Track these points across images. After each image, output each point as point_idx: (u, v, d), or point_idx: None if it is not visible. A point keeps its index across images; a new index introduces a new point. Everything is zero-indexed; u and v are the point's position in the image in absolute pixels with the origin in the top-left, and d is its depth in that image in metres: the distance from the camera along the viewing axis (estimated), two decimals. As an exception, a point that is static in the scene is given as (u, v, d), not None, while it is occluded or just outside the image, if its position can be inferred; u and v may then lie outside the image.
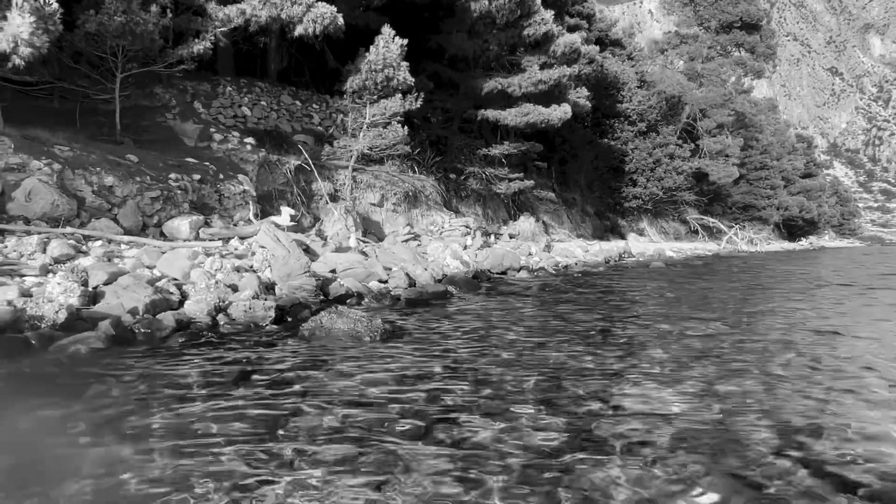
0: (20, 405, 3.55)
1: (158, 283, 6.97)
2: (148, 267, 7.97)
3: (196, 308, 6.24)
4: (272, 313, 6.15)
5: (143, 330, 5.42)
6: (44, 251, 7.69)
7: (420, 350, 5.15)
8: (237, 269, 8.34)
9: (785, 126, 74.83)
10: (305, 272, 8.00)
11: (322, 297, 8.07)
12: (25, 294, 6.12)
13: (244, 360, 4.66)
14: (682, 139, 39.95)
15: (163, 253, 8.41)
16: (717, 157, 41.20)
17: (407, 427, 3.29)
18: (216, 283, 7.16)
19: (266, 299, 6.75)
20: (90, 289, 6.53)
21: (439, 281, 10.69)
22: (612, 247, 25.05)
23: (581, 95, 22.44)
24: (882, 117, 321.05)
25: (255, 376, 4.24)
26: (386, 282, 9.86)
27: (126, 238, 8.97)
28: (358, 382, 4.15)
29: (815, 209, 68.59)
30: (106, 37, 10.79)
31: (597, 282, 12.78)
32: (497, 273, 13.68)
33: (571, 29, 24.57)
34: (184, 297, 6.93)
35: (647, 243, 33.85)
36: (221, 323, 6.04)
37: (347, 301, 8.10)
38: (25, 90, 11.96)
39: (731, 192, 48.43)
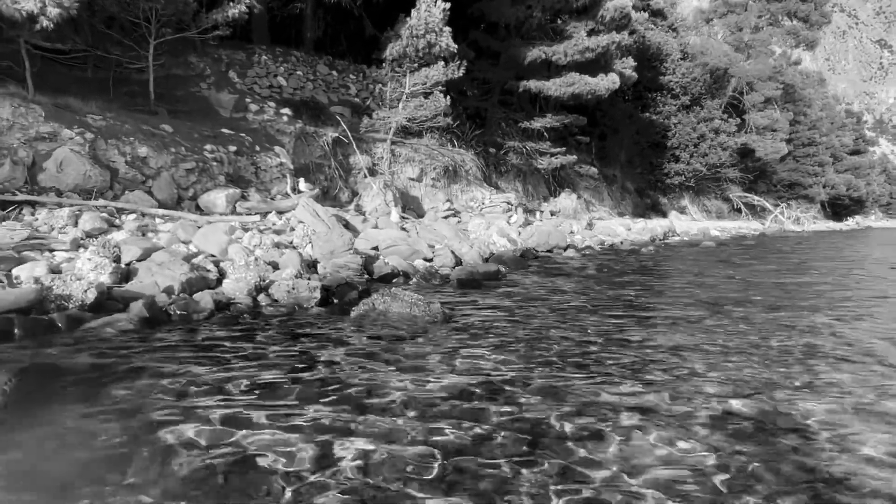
0: (40, 402, 3.05)
1: (195, 260, 6.49)
2: (183, 242, 7.51)
3: (235, 287, 5.73)
4: (318, 294, 5.61)
5: (178, 311, 4.93)
6: (75, 224, 7.28)
7: (488, 338, 4.55)
8: (277, 246, 7.83)
9: (834, 101, 71.56)
10: (349, 249, 7.45)
11: (367, 276, 7.52)
12: (55, 270, 5.69)
13: (294, 349, 4.12)
14: (728, 113, 38.26)
15: (199, 227, 7.93)
16: (763, 132, 39.41)
17: (510, 447, 2.69)
18: (256, 260, 6.64)
19: (310, 279, 6.21)
20: (123, 265, 6.08)
21: (487, 259, 10.06)
22: (656, 225, 24.07)
23: (627, 65, 21.28)
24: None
25: (305, 370, 3.68)
26: (431, 260, 9.28)
27: (161, 211, 8.54)
28: (429, 379, 3.57)
29: (863, 188, 65.70)
30: (139, 0, 10.27)
31: (650, 262, 12.01)
32: (543, 251, 12.98)
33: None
34: (221, 274, 6.43)
35: (689, 222, 32.64)
36: (263, 304, 5.52)
37: (394, 280, 7.55)
38: (59, 58, 11.59)
39: (777, 170, 46.48)
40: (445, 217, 14.63)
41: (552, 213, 20.03)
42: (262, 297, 5.67)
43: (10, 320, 4.11)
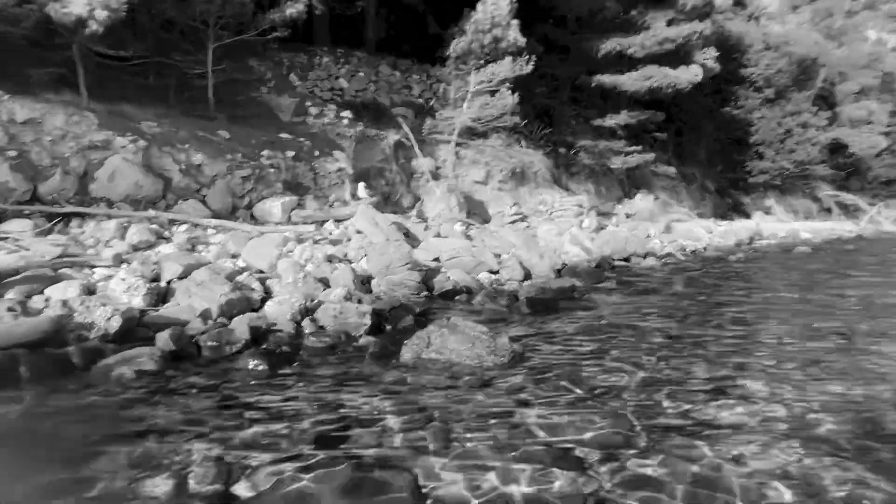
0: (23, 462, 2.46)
1: (239, 278, 5.95)
2: (232, 256, 7.02)
3: (278, 311, 5.12)
4: (367, 320, 4.91)
5: (209, 343, 4.33)
6: (122, 237, 6.92)
7: (566, 391, 3.71)
8: (329, 259, 7.23)
9: (937, 89, 65.69)
10: (406, 263, 6.75)
11: (426, 293, 6.80)
12: (89, 291, 5.25)
13: (324, 409, 3.38)
14: (817, 106, 35.45)
15: (250, 239, 7.44)
16: (858, 125, 36.31)
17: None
18: (304, 276, 6.05)
19: (360, 301, 5.53)
20: (163, 284, 5.60)
21: (559, 271, 9.16)
22: (740, 227, 22.32)
23: (709, 56, 19.71)
24: None
25: (330, 444, 2.96)
26: (497, 272, 8.48)
27: (213, 222, 8.12)
28: (494, 465, 2.76)
29: (972, 184, 60.02)
30: (195, 1, 9.96)
31: (744, 273, 10.75)
32: (619, 260, 11.90)
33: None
34: (267, 293, 5.87)
35: (775, 223, 30.35)
36: (306, 332, 4.87)
37: (455, 297, 6.79)
38: (121, 66, 11.51)
39: (873, 165, 42.82)
40: (512, 222, 13.78)
41: (627, 216, 18.78)
42: (306, 323, 5.02)
43: (16, 358, 3.59)
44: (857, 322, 6.03)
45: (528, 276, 8.64)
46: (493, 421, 3.15)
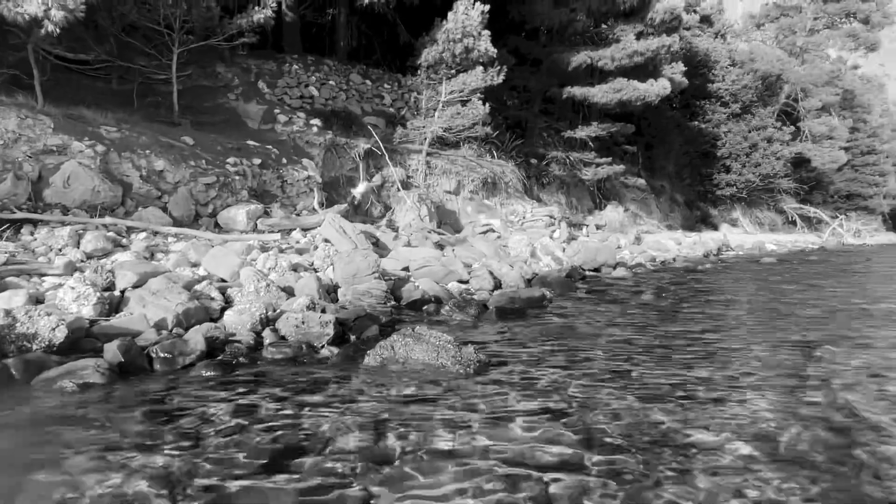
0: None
1: (198, 287, 5.73)
2: (192, 264, 6.80)
3: (237, 321, 4.93)
4: (330, 330, 4.75)
5: (161, 354, 4.12)
6: (77, 245, 6.64)
7: (533, 400, 3.59)
8: (295, 268, 7.05)
9: (894, 107, 68.06)
10: (374, 273, 6.60)
11: (393, 303, 6.65)
12: (37, 300, 5.00)
13: (279, 423, 3.21)
14: (781, 121, 36.36)
15: (212, 247, 7.22)
16: (820, 140, 37.29)
17: None
18: (267, 285, 5.85)
19: (324, 310, 5.36)
20: (116, 293, 5.36)
21: (529, 281, 9.09)
22: (708, 239, 22.60)
23: (677, 71, 20.07)
24: None
25: (286, 461, 2.80)
26: (467, 282, 8.37)
27: (173, 230, 7.86)
28: (453, 478, 2.63)
29: (927, 198, 62.11)
30: (159, 5, 9.74)
31: (711, 283, 10.82)
32: (590, 270, 11.90)
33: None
34: (228, 302, 5.67)
35: (742, 235, 30.92)
36: (266, 342, 4.68)
37: (424, 308, 6.65)
38: (82, 69, 11.19)
39: (834, 179, 44.05)
40: (484, 232, 13.72)
41: (598, 227, 18.89)
42: (266, 333, 4.83)
43: (-52, 370, 3.36)
44: (821, 332, 6.06)
45: (498, 285, 8.56)
46: (455, 434, 3.02)
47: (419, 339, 4.12)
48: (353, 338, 5.01)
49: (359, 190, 12.09)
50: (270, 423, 3.11)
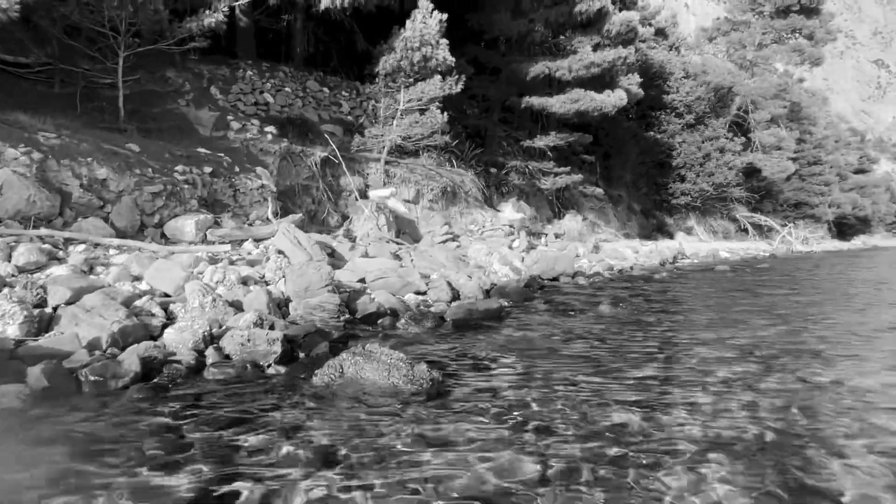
0: None
1: (138, 302, 5.43)
2: (135, 278, 6.46)
3: (178, 339, 4.66)
4: (278, 348, 4.53)
5: (92, 377, 3.84)
6: (8, 259, 6.23)
7: (489, 422, 3.45)
8: (244, 281, 6.78)
9: (837, 119, 71.10)
10: (327, 286, 6.38)
11: (347, 317, 6.45)
12: (-43, 319, 4.62)
13: (217, 451, 3.00)
14: (733, 132, 37.46)
15: (157, 259, 6.88)
16: (770, 150, 38.56)
17: None
18: (213, 300, 5.58)
19: (272, 326, 5.13)
20: (48, 310, 5.02)
21: (488, 292, 8.99)
22: (664, 247, 23.01)
23: (633, 82, 20.41)
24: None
25: (219, 495, 2.59)
26: (425, 293, 8.23)
27: (115, 241, 7.49)
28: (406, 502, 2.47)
29: (868, 207, 64.83)
30: (103, 6, 9.34)
31: (668, 292, 10.92)
32: (549, 279, 11.90)
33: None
34: (170, 319, 5.39)
35: (697, 243, 31.63)
36: (209, 362, 4.43)
37: (379, 321, 6.46)
38: (22, 73, 10.66)
39: (783, 189, 45.56)
40: (443, 242, 13.59)
41: (556, 236, 19.01)
42: (210, 352, 4.58)
43: None
44: (774, 342, 6.12)
45: (456, 296, 8.43)
46: (403, 464, 2.85)
47: (369, 357, 3.95)
48: (302, 355, 4.80)
49: (379, 193, 12.06)
50: (200, 455, 2.89)
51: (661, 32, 38.41)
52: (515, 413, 3.57)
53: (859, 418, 3.62)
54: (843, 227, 61.76)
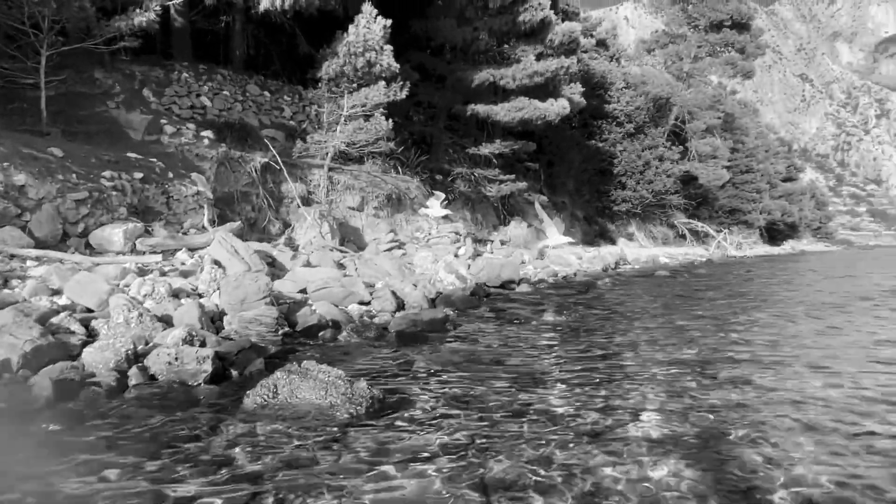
0: None
1: (55, 319, 5.04)
2: (54, 292, 6.03)
3: (98, 358, 4.33)
4: (208, 367, 4.27)
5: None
6: None
7: (431, 444, 3.31)
8: (176, 294, 6.43)
9: (766, 130, 74.74)
10: (264, 298, 6.11)
11: (287, 330, 6.19)
12: None
13: (132, 487, 2.75)
14: (671, 141, 38.74)
15: (79, 271, 6.46)
16: (706, 159, 40.06)
17: None
18: (140, 315, 5.25)
19: (203, 343, 4.85)
20: (-49, 329, 4.58)
21: (433, 301, 8.88)
22: (607, 253, 23.49)
23: (575, 91, 20.79)
24: (850, 123, 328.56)
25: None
26: (369, 303, 8.04)
27: (34, 252, 7.00)
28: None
29: (796, 213, 68.31)
30: (23, 2, 8.78)
31: (610, 298, 11.06)
32: (495, 287, 11.89)
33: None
34: (92, 337, 5.03)
35: (638, 249, 32.48)
36: (132, 383, 4.13)
37: (320, 334, 6.23)
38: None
39: (718, 196, 47.39)
40: (389, 249, 13.40)
41: (502, 243, 19.11)
42: (133, 372, 4.27)
43: None
44: (711, 343, 6.23)
45: (401, 306, 8.29)
46: (340, 487, 2.68)
47: (306, 375, 3.75)
48: (235, 374, 4.54)
49: (433, 212, 11.76)
50: (115, 488, 2.64)
51: (602, 43, 39.42)
52: (456, 435, 3.43)
53: (795, 418, 3.67)
54: (774, 233, 64.81)
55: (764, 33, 43.63)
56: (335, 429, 3.39)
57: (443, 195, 12.00)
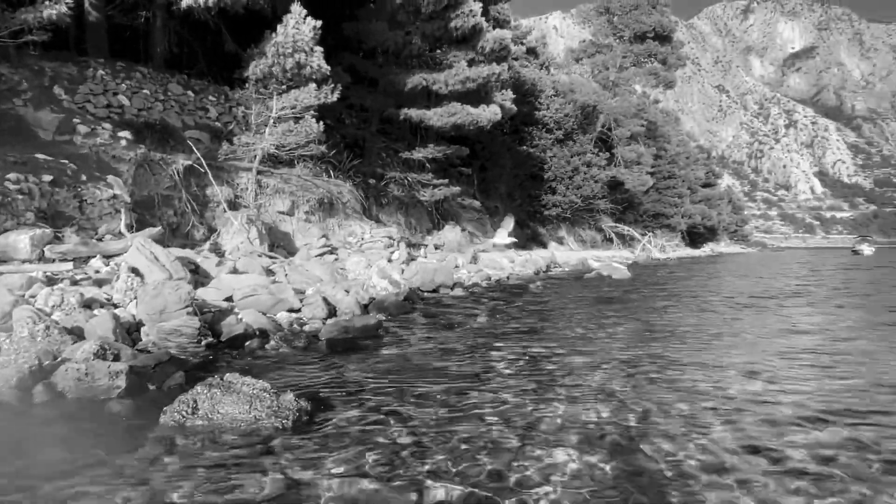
0: None
1: (-53, 334, 4.62)
2: (-52, 304, 5.53)
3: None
4: (121, 382, 4.00)
5: None
6: None
7: (362, 457, 3.22)
8: (88, 305, 6.03)
9: (687, 138, 78.50)
10: (186, 307, 5.83)
11: (210, 340, 5.92)
12: None
13: None
14: (598, 148, 40.01)
15: (-22, 282, 5.96)
16: (631, 165, 41.59)
17: None
18: (47, 328, 4.88)
19: (116, 356, 4.55)
20: None
21: (366, 307, 8.74)
22: (538, 257, 23.92)
23: (507, 98, 21.10)
24: (762, 132, 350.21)
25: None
26: (299, 311, 7.82)
27: (-75, 261, 6.41)
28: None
29: (714, 217, 71.98)
30: (-88, -11, 8.08)
31: (542, 302, 11.24)
32: (429, 291, 11.85)
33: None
34: (-9, 352, 4.62)
35: (568, 252, 33.27)
36: (36, 401, 3.82)
37: (247, 344, 6.00)
38: None
39: (643, 201, 49.28)
40: (321, 255, 13.12)
41: (436, 247, 19.11)
42: (38, 390, 3.95)
43: None
44: (636, 344, 6.41)
45: (333, 313, 8.11)
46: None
47: (228, 388, 3.57)
48: (153, 388, 4.29)
49: (499, 240, 11.45)
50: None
51: (532, 52, 40.30)
52: (388, 441, 3.37)
53: (713, 412, 3.80)
54: (694, 236, 68.00)
55: (684, 46, 45.77)
56: (260, 445, 3.24)
57: (511, 222, 12.13)
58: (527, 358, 5.80)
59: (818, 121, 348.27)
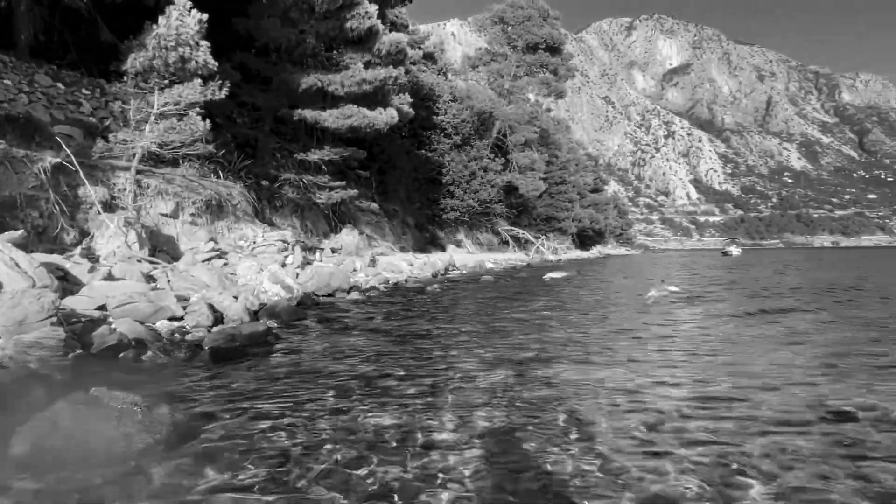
0: None
1: None
2: None
3: None
4: (-33, 403, 3.59)
5: None
6: None
7: (244, 468, 3.08)
8: (-70, 317, 5.37)
9: (577, 145, 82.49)
10: (49, 317, 5.33)
11: (79, 352, 5.45)
12: None
13: None
14: (494, 153, 41.12)
15: None
16: (525, 171, 43.06)
17: None
18: None
19: (-37, 374, 4.09)
20: None
21: (256, 313, 8.42)
22: (437, 260, 24.18)
23: (404, 101, 21.17)
24: (644, 142, 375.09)
25: None
26: (182, 318, 7.40)
27: None
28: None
29: (602, 221, 76.17)
30: None
31: (438, 305, 11.34)
32: (324, 296, 11.63)
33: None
34: None
35: (466, 255, 33.87)
36: None
37: (121, 355, 5.59)
38: None
39: (537, 205, 51.19)
40: (208, 259, 12.50)
41: (333, 251, 18.80)
42: None
43: None
44: (528, 344, 6.62)
45: (219, 320, 7.74)
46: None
47: (95, 403, 3.30)
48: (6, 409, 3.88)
49: (667, 288, 11.57)
50: None
51: (429, 57, 40.69)
52: (274, 452, 3.25)
53: (598, 408, 4.00)
54: (584, 239, 71.53)
55: (573, 58, 48.02)
56: (130, 463, 3.01)
57: (674, 286, 12.73)
58: (421, 359, 5.82)
59: (693, 132, 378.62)
